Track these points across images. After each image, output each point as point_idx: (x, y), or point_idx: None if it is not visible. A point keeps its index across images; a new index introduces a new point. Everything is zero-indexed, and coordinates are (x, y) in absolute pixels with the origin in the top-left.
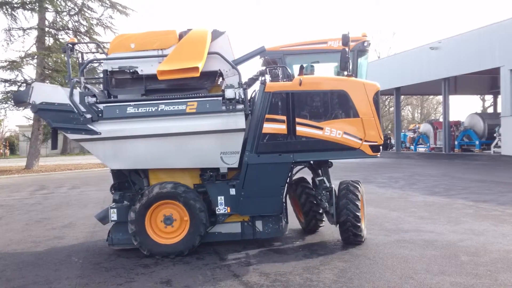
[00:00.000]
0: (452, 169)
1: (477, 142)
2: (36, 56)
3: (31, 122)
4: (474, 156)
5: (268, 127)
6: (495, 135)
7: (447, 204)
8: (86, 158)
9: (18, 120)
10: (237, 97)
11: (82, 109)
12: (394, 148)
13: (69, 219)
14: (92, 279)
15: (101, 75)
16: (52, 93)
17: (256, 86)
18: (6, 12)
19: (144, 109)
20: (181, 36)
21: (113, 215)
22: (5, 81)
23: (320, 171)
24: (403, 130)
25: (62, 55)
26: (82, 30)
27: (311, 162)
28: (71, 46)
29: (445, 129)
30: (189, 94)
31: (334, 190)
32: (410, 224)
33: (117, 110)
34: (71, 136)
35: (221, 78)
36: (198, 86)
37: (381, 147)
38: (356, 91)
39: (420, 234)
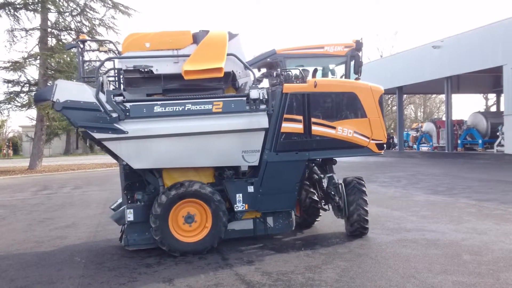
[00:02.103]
0: (455, 168)
1: (480, 141)
2: (39, 57)
3: (34, 122)
4: (477, 155)
5: (286, 127)
6: (498, 133)
7: (449, 203)
8: (89, 158)
9: (21, 120)
10: (261, 97)
11: (109, 107)
12: (396, 147)
13: (72, 219)
14: (95, 279)
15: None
16: (77, 92)
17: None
18: (8, 13)
19: (171, 108)
20: (194, 36)
21: (130, 216)
22: (8, 81)
23: (325, 168)
24: (405, 129)
25: (65, 56)
26: (85, 30)
27: (317, 159)
28: (81, 45)
29: (448, 128)
30: (203, 94)
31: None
32: (412, 223)
33: (144, 109)
34: (97, 136)
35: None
36: (214, 87)
37: (385, 145)
38: (364, 93)
39: (423, 233)
